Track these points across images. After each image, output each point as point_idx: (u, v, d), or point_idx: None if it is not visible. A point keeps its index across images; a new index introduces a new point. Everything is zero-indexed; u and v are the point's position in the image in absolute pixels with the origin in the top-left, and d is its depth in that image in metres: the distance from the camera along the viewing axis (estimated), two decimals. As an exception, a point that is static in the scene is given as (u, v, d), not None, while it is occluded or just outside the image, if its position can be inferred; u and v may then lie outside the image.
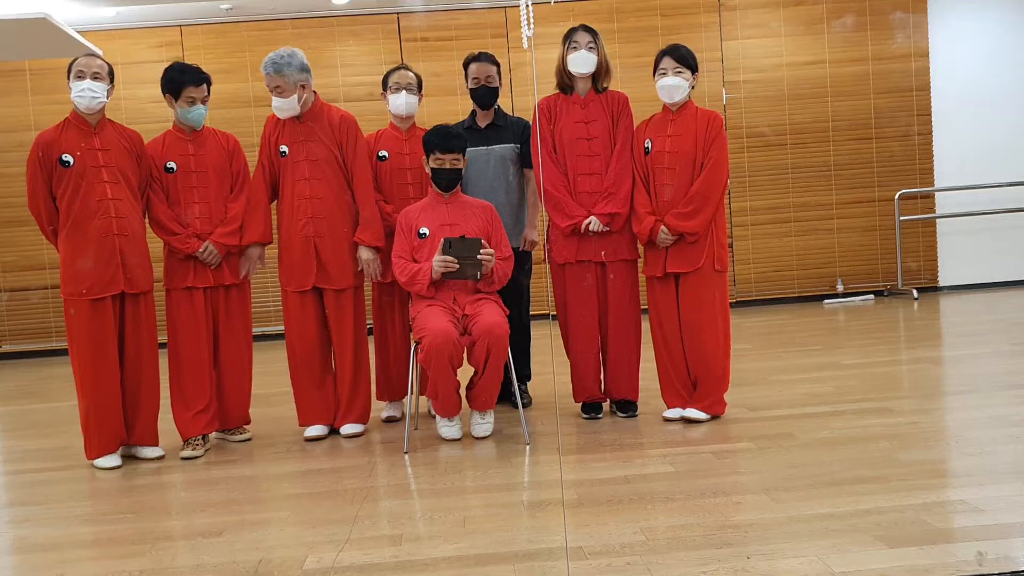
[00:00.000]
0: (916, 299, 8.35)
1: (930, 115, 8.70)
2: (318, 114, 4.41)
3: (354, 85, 8.29)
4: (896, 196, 8.56)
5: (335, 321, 4.44)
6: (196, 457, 4.27)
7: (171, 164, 4.33)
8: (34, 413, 5.79)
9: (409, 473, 3.83)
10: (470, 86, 4.71)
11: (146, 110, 8.16)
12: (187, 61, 4.54)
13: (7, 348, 8.36)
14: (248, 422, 4.59)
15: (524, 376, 4.93)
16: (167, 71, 4.33)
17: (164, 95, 4.35)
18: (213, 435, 4.54)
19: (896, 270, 8.65)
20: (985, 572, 2.45)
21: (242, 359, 4.48)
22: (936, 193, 8.73)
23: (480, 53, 4.74)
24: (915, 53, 8.65)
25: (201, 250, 4.28)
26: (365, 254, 4.42)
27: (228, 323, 4.42)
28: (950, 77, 8.69)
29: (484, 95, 4.69)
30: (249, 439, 4.54)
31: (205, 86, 4.34)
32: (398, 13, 8.39)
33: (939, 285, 8.84)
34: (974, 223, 8.76)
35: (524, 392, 4.89)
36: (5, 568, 3.02)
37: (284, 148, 4.40)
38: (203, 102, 4.34)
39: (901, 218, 8.56)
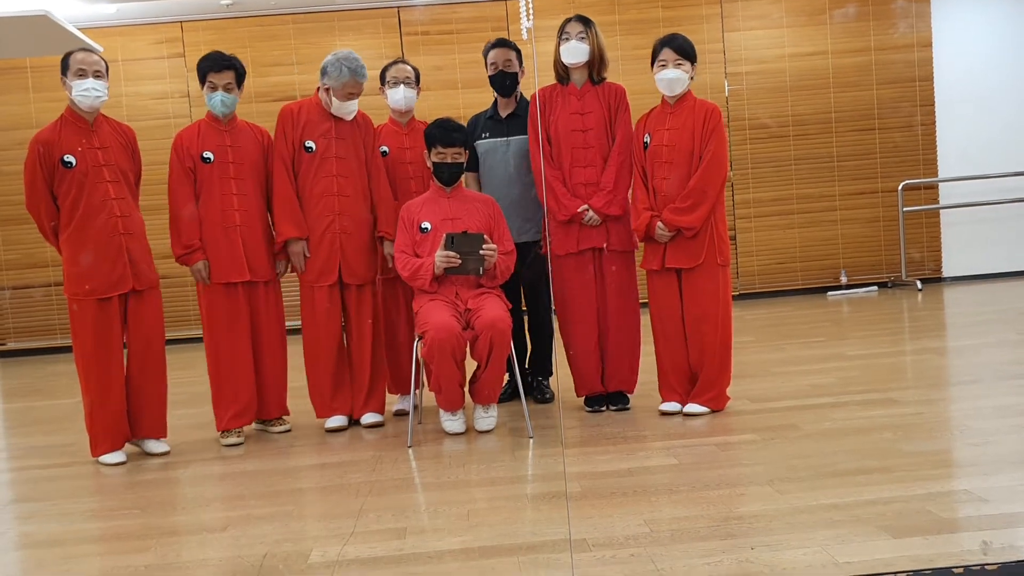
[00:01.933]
0: (920, 290, 8.34)
1: (933, 105, 8.68)
2: None
3: (355, 80, 8.27)
4: (899, 187, 8.55)
5: (356, 314, 4.49)
6: (240, 444, 4.34)
7: (208, 154, 4.31)
8: (38, 410, 5.80)
9: (413, 467, 3.83)
10: (489, 73, 4.67)
11: (147, 107, 8.17)
12: (187, 57, 4.55)
13: (11, 346, 8.38)
14: (287, 412, 4.61)
15: (547, 371, 4.91)
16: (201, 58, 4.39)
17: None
18: (253, 426, 4.61)
19: (900, 261, 8.63)
20: (990, 561, 2.45)
21: (279, 352, 4.51)
22: (940, 183, 8.72)
23: (499, 39, 4.70)
24: (918, 43, 8.63)
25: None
26: (389, 248, 4.46)
27: (268, 318, 4.45)
28: (953, 67, 8.66)
29: (502, 80, 4.64)
30: (288, 430, 4.56)
31: (230, 73, 4.31)
32: (398, 7, 8.38)
33: (943, 276, 8.83)
34: (978, 213, 8.75)
35: (546, 387, 4.87)
36: (10, 564, 3.03)
37: (311, 144, 4.39)
38: (226, 89, 4.31)
39: (905, 209, 8.55)
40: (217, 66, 4.29)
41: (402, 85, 4.61)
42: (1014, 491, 2.98)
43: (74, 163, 4.03)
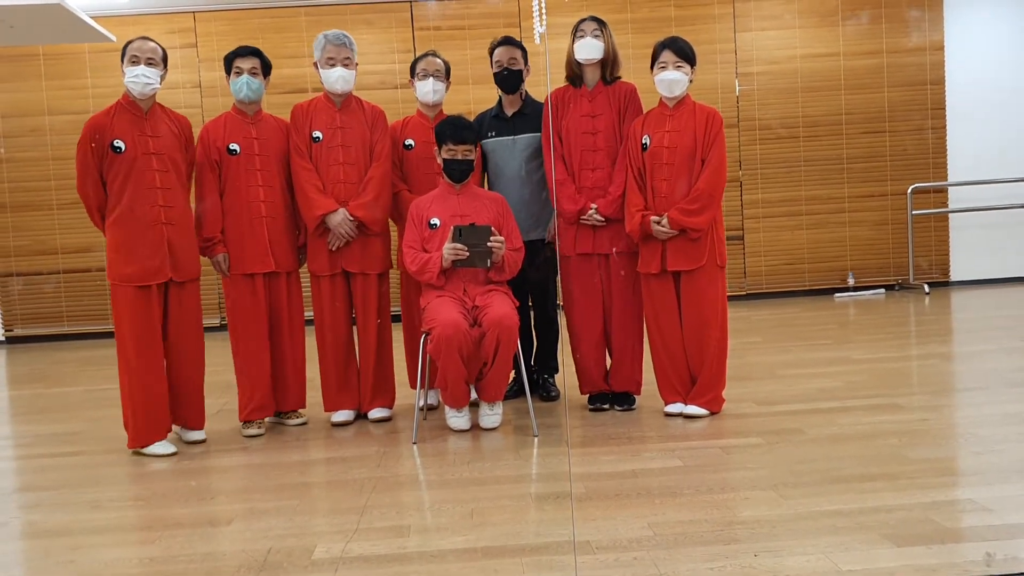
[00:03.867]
0: (927, 294, 8.32)
1: (944, 109, 8.66)
2: (351, 101, 4.50)
3: (367, 74, 8.27)
4: (909, 190, 8.53)
5: (361, 306, 4.50)
6: (261, 435, 4.38)
7: (234, 146, 4.35)
8: (45, 398, 5.82)
9: (418, 464, 3.84)
10: (494, 71, 4.67)
11: (160, 96, 8.16)
12: (199, 47, 4.57)
13: (19, 332, 8.40)
14: (303, 406, 4.63)
15: (552, 369, 4.91)
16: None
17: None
18: (267, 419, 4.61)
19: (908, 264, 8.61)
20: (993, 573, 2.45)
21: (298, 344, 4.52)
22: (949, 187, 8.70)
23: (504, 37, 4.69)
24: (930, 47, 8.60)
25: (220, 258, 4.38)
26: (338, 217, 4.36)
27: (289, 309, 4.47)
28: (965, 71, 8.64)
29: (506, 78, 4.63)
30: (305, 423, 4.58)
31: (254, 59, 4.37)
32: (411, 2, 8.38)
33: (951, 280, 8.81)
34: (987, 218, 8.72)
35: (552, 385, 4.87)
36: (15, 553, 3.05)
37: (318, 134, 4.43)
38: (251, 73, 4.36)
39: (913, 212, 8.53)
40: (243, 51, 4.37)
41: (431, 78, 4.62)
42: (1019, 501, 2.98)
43: (123, 148, 4.06)
